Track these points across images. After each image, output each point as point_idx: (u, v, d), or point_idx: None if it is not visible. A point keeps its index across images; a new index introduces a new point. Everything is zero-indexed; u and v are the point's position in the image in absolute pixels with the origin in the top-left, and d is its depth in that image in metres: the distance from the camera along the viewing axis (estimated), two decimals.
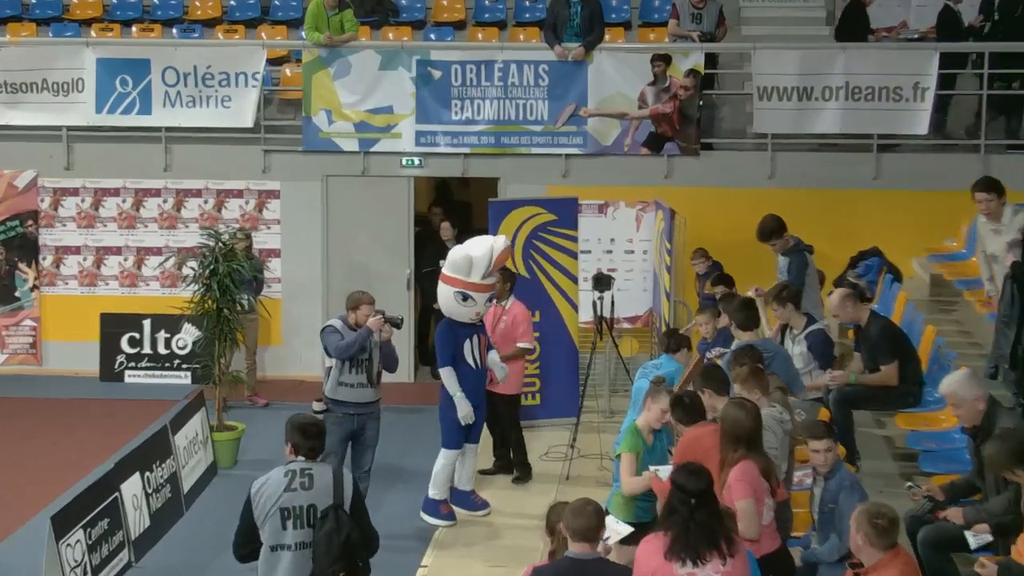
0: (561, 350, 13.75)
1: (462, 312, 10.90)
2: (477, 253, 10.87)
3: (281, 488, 7.30)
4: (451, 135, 15.68)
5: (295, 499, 7.29)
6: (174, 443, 11.79)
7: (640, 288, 15.14)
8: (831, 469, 8.07)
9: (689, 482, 6.59)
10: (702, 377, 8.72)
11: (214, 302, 12.94)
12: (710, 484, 6.67)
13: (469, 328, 10.97)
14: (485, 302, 11.03)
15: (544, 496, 10.77)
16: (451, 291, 10.90)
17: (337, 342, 10.68)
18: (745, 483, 7.46)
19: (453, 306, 10.93)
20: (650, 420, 8.91)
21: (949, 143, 15.79)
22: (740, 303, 10.13)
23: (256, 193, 16.13)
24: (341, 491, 7.38)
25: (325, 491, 7.34)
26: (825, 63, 15.18)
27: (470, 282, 10.83)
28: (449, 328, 10.98)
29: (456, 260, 10.90)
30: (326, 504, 7.32)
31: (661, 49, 15.73)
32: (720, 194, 15.29)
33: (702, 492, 6.57)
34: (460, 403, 10.86)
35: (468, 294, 10.84)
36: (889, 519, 6.68)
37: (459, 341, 10.91)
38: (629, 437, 8.87)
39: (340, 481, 7.42)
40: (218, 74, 15.82)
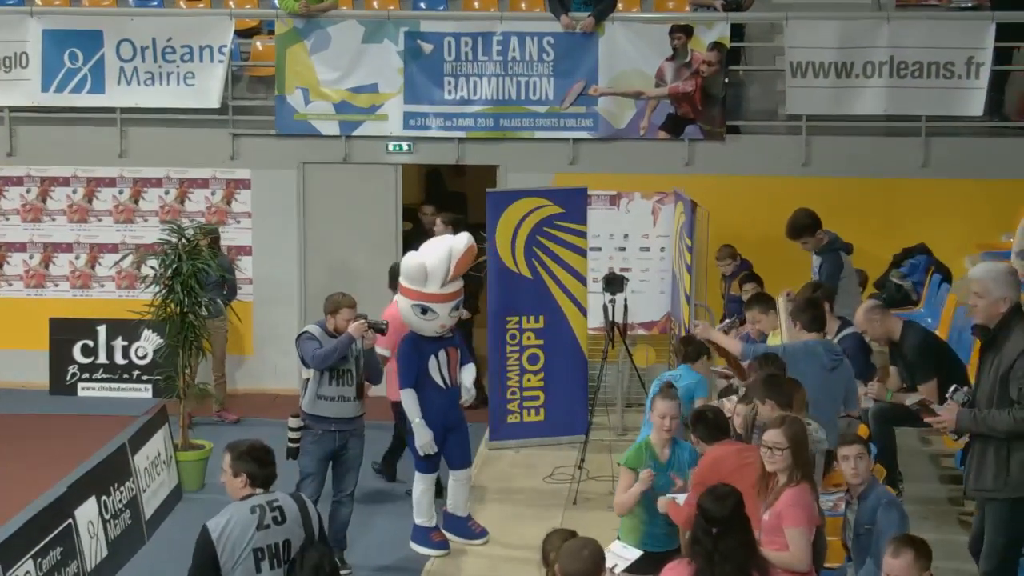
0: (568, 360, 13.97)
1: (424, 326, 11.14)
2: (432, 260, 11.10)
3: (252, 527, 7.38)
4: (444, 117, 15.88)
5: (269, 537, 7.42)
6: (134, 464, 11.95)
7: (657, 290, 15.27)
8: (865, 488, 8.28)
9: (713, 507, 6.81)
10: (765, 387, 8.71)
11: (177, 306, 13.03)
12: (738, 509, 6.89)
13: (436, 343, 11.19)
14: (450, 312, 11.18)
15: (548, 523, 10.90)
16: (408, 304, 11.14)
17: (314, 350, 10.77)
18: (801, 509, 7.61)
19: (413, 320, 11.16)
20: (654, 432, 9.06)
21: (1007, 126, 15.98)
22: (805, 302, 10.21)
23: (224, 183, 16.35)
24: (310, 520, 7.58)
25: (296, 523, 7.50)
26: (867, 35, 15.35)
27: (427, 293, 11.08)
28: (413, 345, 11.18)
29: (409, 269, 11.13)
30: (299, 537, 7.49)
31: (681, 19, 15.92)
32: (748, 183, 15.51)
33: (727, 519, 6.78)
34: (418, 431, 11.11)
35: (427, 306, 11.08)
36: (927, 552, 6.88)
37: (424, 358, 11.14)
38: (634, 451, 9.03)
39: (306, 509, 7.60)
40: (180, 48, 16.02)
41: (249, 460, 7.58)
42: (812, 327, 10.00)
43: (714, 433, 8.65)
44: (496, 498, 12.65)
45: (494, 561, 11.23)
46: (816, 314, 10.07)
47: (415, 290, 11.09)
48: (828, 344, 9.98)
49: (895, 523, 7.94)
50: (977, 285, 8.43)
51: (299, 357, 11.08)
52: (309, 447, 10.89)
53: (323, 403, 10.90)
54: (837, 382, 9.75)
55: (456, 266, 11.14)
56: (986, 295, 8.35)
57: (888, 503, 8.05)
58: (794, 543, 7.54)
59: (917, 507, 9.65)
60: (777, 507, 7.64)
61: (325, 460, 10.97)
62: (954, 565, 8.82)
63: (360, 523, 11.63)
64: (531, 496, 12.66)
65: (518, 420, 14.02)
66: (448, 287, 11.13)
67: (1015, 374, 8.10)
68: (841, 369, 9.87)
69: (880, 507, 8.02)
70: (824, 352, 9.78)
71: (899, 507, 8.17)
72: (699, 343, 10.86)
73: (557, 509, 12.12)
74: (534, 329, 13.91)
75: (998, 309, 8.32)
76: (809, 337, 9.95)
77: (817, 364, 9.57)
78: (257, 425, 14.45)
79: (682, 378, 10.65)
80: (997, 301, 8.32)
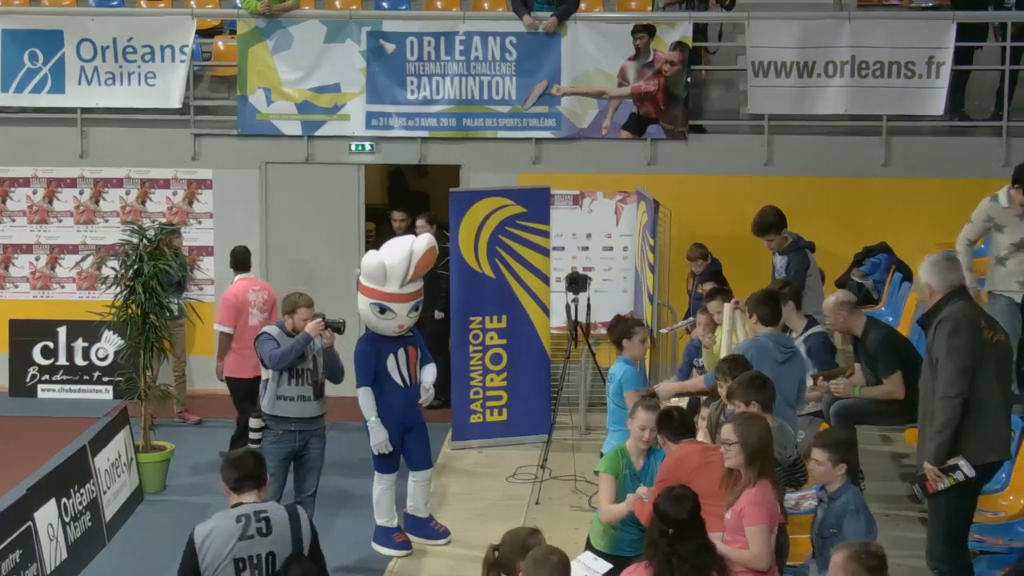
0: (530, 359, 14.00)
1: (382, 326, 11.15)
2: (392, 260, 11.11)
3: (234, 537, 7.27)
4: (406, 117, 15.88)
5: (252, 548, 7.27)
6: (94, 466, 11.93)
7: (620, 289, 15.37)
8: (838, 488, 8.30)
9: (670, 509, 6.82)
10: (749, 388, 8.64)
11: (138, 307, 13.01)
12: (695, 511, 6.90)
13: (394, 342, 11.20)
14: (408, 312, 11.19)
15: (511, 523, 10.84)
16: (367, 302, 11.16)
17: (272, 350, 10.80)
18: (762, 507, 7.61)
19: (371, 319, 11.19)
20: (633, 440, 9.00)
21: (967, 125, 16.09)
22: (765, 295, 10.22)
23: (185, 183, 16.32)
24: (300, 534, 7.40)
25: (283, 535, 7.34)
26: (829, 35, 15.42)
27: (386, 292, 11.08)
28: (370, 343, 11.21)
29: (369, 268, 11.14)
30: (285, 550, 7.33)
31: (643, 19, 15.98)
32: (710, 183, 15.57)
33: (683, 522, 6.80)
34: (373, 430, 11.12)
35: (386, 305, 11.09)
36: (880, 556, 6.88)
37: (382, 357, 11.14)
38: (610, 457, 8.99)
39: (297, 522, 7.42)
40: (141, 47, 15.99)
41: (230, 467, 7.51)
42: (770, 321, 10.02)
43: (680, 433, 8.66)
44: (459, 498, 12.66)
45: (457, 561, 11.23)
46: (775, 308, 10.10)
47: (374, 289, 11.09)
48: (777, 338, 9.99)
49: (861, 530, 7.96)
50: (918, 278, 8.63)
51: (258, 358, 11.09)
52: (270, 447, 10.90)
53: (283, 403, 10.93)
54: (791, 375, 9.78)
55: (416, 267, 11.13)
56: (925, 286, 8.60)
57: (856, 509, 8.07)
58: (754, 541, 7.56)
59: (878, 505, 9.66)
60: (738, 505, 7.66)
61: (286, 460, 10.99)
62: (913, 562, 8.87)
63: (322, 524, 11.38)
64: (494, 496, 12.69)
65: (481, 420, 14.04)
66: (407, 287, 11.13)
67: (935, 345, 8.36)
68: (794, 361, 9.91)
69: (848, 513, 8.05)
70: (775, 346, 9.79)
71: (867, 513, 8.19)
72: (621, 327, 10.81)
73: (520, 509, 12.14)
74: (497, 329, 13.92)
75: (931, 295, 8.56)
76: (763, 331, 9.97)
77: (769, 359, 9.57)
78: (219, 426, 14.43)
79: (614, 374, 10.61)
80: (925, 287, 8.60)
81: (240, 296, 13.59)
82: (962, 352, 8.33)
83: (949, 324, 8.36)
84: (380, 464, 11.28)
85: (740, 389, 8.65)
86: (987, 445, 8.44)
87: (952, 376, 8.28)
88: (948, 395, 8.27)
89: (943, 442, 8.27)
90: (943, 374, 8.29)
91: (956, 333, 8.35)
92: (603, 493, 8.89)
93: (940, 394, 8.28)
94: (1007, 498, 9.81)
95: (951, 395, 8.27)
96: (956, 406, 8.26)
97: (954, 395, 8.27)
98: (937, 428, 8.30)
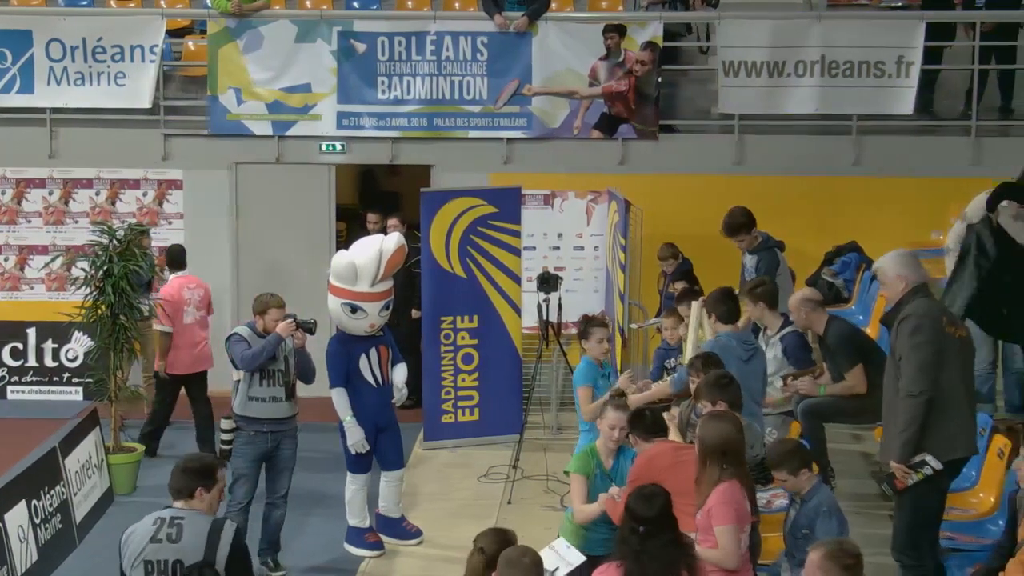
0: (502, 359, 14.02)
1: (354, 325, 11.14)
2: (362, 259, 11.11)
3: (147, 538, 7.23)
4: (377, 117, 15.86)
5: (159, 552, 7.20)
6: (64, 467, 11.91)
7: (591, 289, 15.40)
8: (811, 489, 8.33)
9: (640, 507, 6.83)
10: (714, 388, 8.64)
11: (108, 307, 13.01)
12: (665, 509, 6.91)
13: (366, 341, 11.19)
14: (380, 312, 11.17)
15: (483, 522, 10.90)
16: (338, 302, 11.15)
17: (243, 351, 10.79)
18: (729, 507, 7.60)
19: (342, 319, 11.20)
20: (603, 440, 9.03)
21: (937, 124, 16.17)
22: (721, 294, 10.27)
23: (155, 183, 16.26)
24: (215, 549, 7.20)
25: (195, 546, 7.18)
26: (799, 35, 15.46)
27: (357, 291, 11.08)
28: (341, 343, 11.22)
29: (339, 268, 11.15)
30: (195, 560, 7.17)
31: (614, 19, 16.02)
32: (681, 182, 15.59)
33: (653, 519, 6.80)
34: (349, 429, 11.12)
35: (357, 305, 11.08)
36: (855, 555, 6.91)
37: (354, 357, 11.14)
38: (580, 457, 9.01)
39: (217, 536, 7.25)
40: (111, 47, 15.93)
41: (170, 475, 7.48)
42: (728, 319, 10.05)
43: (652, 432, 8.67)
44: (431, 498, 12.67)
45: (429, 561, 11.24)
46: (732, 306, 10.13)
47: (345, 289, 11.09)
48: (740, 335, 10.03)
49: (833, 531, 7.98)
50: (880, 274, 8.76)
51: (229, 359, 11.08)
52: (241, 448, 10.90)
53: (254, 404, 10.92)
54: (755, 372, 9.81)
55: (387, 266, 11.12)
56: (884, 279, 8.66)
57: (828, 511, 8.10)
58: (722, 541, 7.56)
59: (848, 503, 9.70)
60: (707, 505, 7.68)
61: (258, 461, 10.97)
62: (885, 560, 8.89)
63: (294, 525, 11.61)
64: (466, 496, 12.70)
65: (453, 420, 14.05)
66: (378, 286, 11.12)
67: (898, 343, 8.40)
68: (758, 356, 9.95)
69: (820, 515, 8.08)
70: (738, 344, 9.81)
71: (839, 514, 8.22)
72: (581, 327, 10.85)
73: (492, 508, 12.15)
74: (468, 329, 13.93)
75: (897, 289, 8.58)
76: (723, 330, 9.99)
77: (732, 357, 9.58)
78: (189, 427, 14.38)
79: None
80: (894, 282, 8.57)
81: (176, 295, 13.82)
82: (924, 349, 8.36)
83: (912, 322, 8.39)
84: (353, 464, 11.28)
85: (706, 389, 8.67)
86: (952, 441, 8.48)
87: (915, 374, 8.30)
88: (911, 393, 8.29)
89: (908, 440, 8.29)
90: (906, 372, 8.32)
91: (919, 331, 8.37)
92: (575, 494, 8.91)
93: (903, 392, 8.30)
94: (977, 495, 9.86)
95: (914, 393, 8.30)
96: (920, 404, 8.29)
97: (917, 393, 8.29)
98: (901, 427, 8.32)
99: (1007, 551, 7.74)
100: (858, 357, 10.55)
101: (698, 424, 7.89)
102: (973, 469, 10.02)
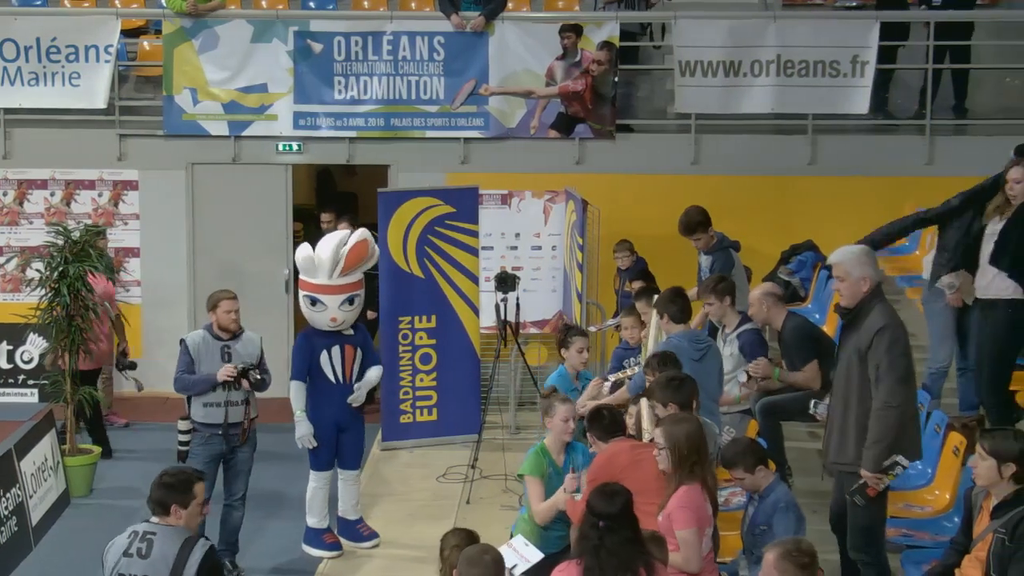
0: (460, 359, 14.01)
1: (316, 318, 11.13)
2: (322, 252, 11.10)
3: (121, 551, 7.27)
4: (334, 117, 15.83)
5: (130, 566, 7.22)
6: (20, 469, 11.84)
7: (549, 288, 15.41)
8: (767, 486, 8.37)
9: (601, 504, 6.84)
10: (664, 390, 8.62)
11: (63, 309, 12.95)
12: (626, 507, 6.92)
13: (330, 338, 11.15)
14: (341, 305, 11.11)
15: (442, 523, 10.99)
16: (301, 295, 11.19)
17: (180, 372, 10.88)
18: (689, 511, 7.63)
19: (305, 311, 11.22)
20: (556, 437, 9.10)
21: (892, 123, 16.28)
22: (671, 294, 10.28)
23: (111, 184, 16.18)
24: (182, 567, 7.15)
25: (163, 562, 7.16)
26: (754, 34, 15.52)
27: (316, 284, 11.07)
28: (306, 338, 11.21)
29: (301, 260, 11.15)
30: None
31: (571, 19, 16.04)
32: (638, 182, 15.64)
33: (613, 516, 6.81)
34: (299, 423, 11.08)
35: (316, 297, 11.06)
36: (810, 554, 6.95)
37: (316, 352, 11.10)
38: (532, 458, 9.04)
39: (187, 554, 7.20)
40: (65, 47, 15.82)
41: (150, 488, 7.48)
42: (680, 318, 10.08)
43: (610, 432, 8.70)
44: (390, 498, 12.65)
45: (388, 562, 11.22)
46: (683, 305, 10.15)
47: (305, 280, 11.11)
48: (691, 334, 10.05)
49: (791, 527, 8.02)
50: (838, 269, 8.67)
51: None
52: (197, 450, 10.85)
53: (210, 409, 10.86)
54: (708, 371, 9.82)
55: (347, 258, 11.07)
56: (847, 277, 8.58)
57: (785, 506, 8.14)
58: (683, 545, 7.58)
59: (806, 500, 9.73)
60: (667, 509, 7.70)
61: (215, 462, 10.88)
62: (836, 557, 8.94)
63: (253, 526, 11.58)
64: (425, 496, 12.69)
65: (411, 420, 14.04)
66: (338, 279, 11.07)
67: (873, 353, 8.34)
68: (711, 355, 9.95)
69: (778, 511, 8.11)
70: (689, 344, 9.80)
71: (796, 510, 8.26)
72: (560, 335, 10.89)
73: (451, 509, 12.15)
74: (426, 329, 13.92)
75: (860, 289, 8.53)
76: (675, 330, 10.01)
77: (684, 358, 9.58)
78: (146, 429, 14.35)
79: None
80: (858, 281, 8.53)
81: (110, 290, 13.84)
82: (904, 362, 8.36)
83: (890, 333, 8.35)
84: (314, 461, 11.25)
85: (658, 390, 8.68)
86: (918, 441, 8.55)
87: (895, 386, 8.28)
88: (891, 405, 8.27)
89: (883, 449, 8.29)
90: (885, 383, 8.27)
91: (897, 343, 8.35)
92: (532, 496, 8.94)
93: (881, 403, 8.28)
94: (933, 493, 9.92)
95: (894, 405, 8.27)
96: (898, 415, 8.30)
97: (896, 405, 8.27)
98: (876, 437, 8.27)
99: (963, 548, 7.77)
100: (813, 353, 10.61)
101: (663, 428, 7.89)
102: (929, 467, 10.09)
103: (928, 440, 10.24)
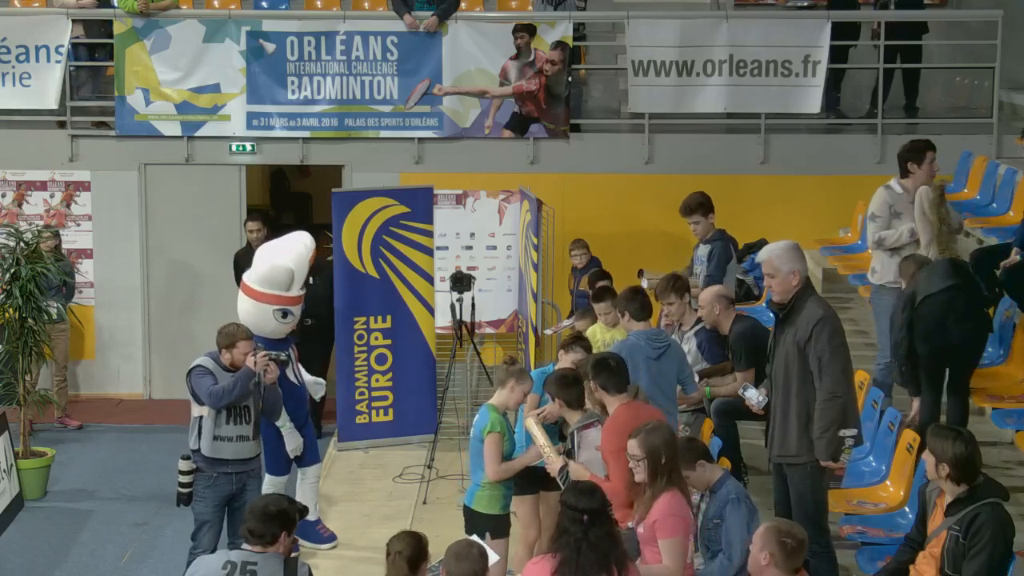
0: (416, 359, 13.99)
1: (280, 329, 11.08)
2: (296, 264, 11.11)
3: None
4: (287, 117, 15.80)
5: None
6: None
7: (504, 288, 15.41)
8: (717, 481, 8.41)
9: (581, 501, 6.88)
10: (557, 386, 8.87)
11: (16, 311, 12.90)
12: (605, 502, 6.97)
13: (283, 343, 11.11)
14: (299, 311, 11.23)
15: (399, 523, 11.03)
16: (268, 309, 11.00)
17: (210, 387, 9.85)
18: (675, 519, 7.61)
19: (267, 324, 10.99)
20: (508, 402, 9.28)
21: (843, 123, 16.38)
22: (630, 292, 10.25)
23: (63, 185, 16.09)
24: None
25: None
26: (707, 34, 15.58)
27: (289, 296, 11.07)
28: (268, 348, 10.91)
29: (272, 275, 11.03)
30: None
31: (524, 18, 16.04)
32: (592, 181, 15.68)
33: (596, 511, 6.86)
34: (288, 436, 11.03)
35: (288, 310, 11.04)
36: (798, 540, 7.02)
37: None
38: (493, 417, 9.12)
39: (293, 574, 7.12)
40: (15, 47, 15.74)
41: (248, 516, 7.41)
42: (641, 315, 10.07)
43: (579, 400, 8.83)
44: (346, 499, 12.62)
45: (344, 562, 11.21)
46: (644, 301, 10.15)
47: (278, 295, 11.02)
48: (650, 333, 10.01)
49: (743, 518, 8.06)
50: (767, 265, 8.78)
51: (190, 394, 10.08)
52: (204, 492, 10.06)
53: (222, 444, 10.01)
54: (668, 369, 9.84)
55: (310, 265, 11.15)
56: (776, 273, 8.69)
57: (737, 499, 8.17)
58: (669, 554, 7.54)
59: (761, 498, 9.80)
60: (650, 517, 7.65)
61: (222, 506, 10.15)
62: None
63: None
64: (381, 496, 12.67)
65: (367, 420, 14.00)
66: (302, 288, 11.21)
67: (814, 345, 8.47)
68: (669, 354, 9.91)
69: (729, 503, 8.15)
70: (647, 343, 9.78)
71: (748, 502, 8.30)
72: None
73: (407, 509, 12.14)
74: (382, 329, 13.90)
75: (790, 283, 8.64)
76: (636, 327, 10.01)
77: (642, 357, 9.60)
78: (100, 431, 14.29)
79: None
80: (787, 276, 8.64)
81: None
82: (844, 352, 8.56)
83: (829, 325, 8.51)
84: (274, 466, 11.19)
85: (552, 386, 8.96)
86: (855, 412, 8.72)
87: (839, 376, 8.46)
88: (835, 394, 8.44)
89: (833, 437, 8.43)
90: (829, 374, 8.43)
91: (837, 332, 8.55)
92: (493, 454, 9.07)
93: (828, 394, 8.42)
94: (886, 489, 9.99)
95: (839, 395, 8.46)
96: (841, 404, 8.44)
97: (841, 394, 8.47)
98: (825, 426, 8.43)
99: (917, 544, 7.85)
100: (752, 363, 10.56)
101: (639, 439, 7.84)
102: (883, 463, 10.16)
103: (882, 437, 10.34)
